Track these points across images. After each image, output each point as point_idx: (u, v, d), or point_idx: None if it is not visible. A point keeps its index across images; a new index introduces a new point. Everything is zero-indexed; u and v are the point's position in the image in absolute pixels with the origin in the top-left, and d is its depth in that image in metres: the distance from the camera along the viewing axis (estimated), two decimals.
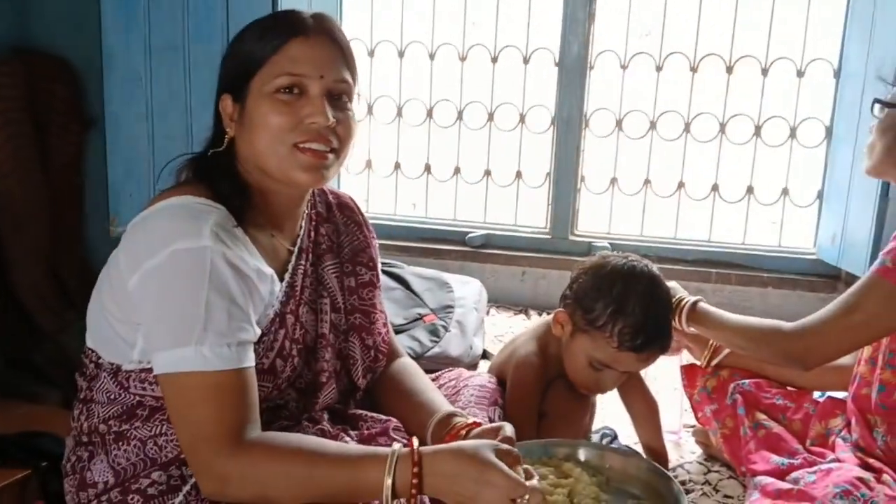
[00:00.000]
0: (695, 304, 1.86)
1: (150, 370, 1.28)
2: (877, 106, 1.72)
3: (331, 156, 1.32)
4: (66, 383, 1.62)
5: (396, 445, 1.21)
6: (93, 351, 1.36)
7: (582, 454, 1.58)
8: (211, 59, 2.67)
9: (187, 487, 1.29)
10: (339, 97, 1.33)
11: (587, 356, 1.77)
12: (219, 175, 1.31)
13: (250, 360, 1.24)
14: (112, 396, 1.33)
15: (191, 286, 1.19)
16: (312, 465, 1.19)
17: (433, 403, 1.50)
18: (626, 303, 1.72)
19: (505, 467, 1.17)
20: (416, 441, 1.21)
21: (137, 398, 1.32)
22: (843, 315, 1.65)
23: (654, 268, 1.82)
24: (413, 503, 1.19)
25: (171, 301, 1.20)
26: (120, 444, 1.32)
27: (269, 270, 1.33)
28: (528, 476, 1.22)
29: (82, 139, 2.81)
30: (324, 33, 1.34)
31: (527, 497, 1.16)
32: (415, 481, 1.17)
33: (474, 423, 1.40)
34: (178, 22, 2.65)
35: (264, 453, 1.19)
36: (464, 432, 1.37)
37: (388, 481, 1.16)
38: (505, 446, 1.22)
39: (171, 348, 1.19)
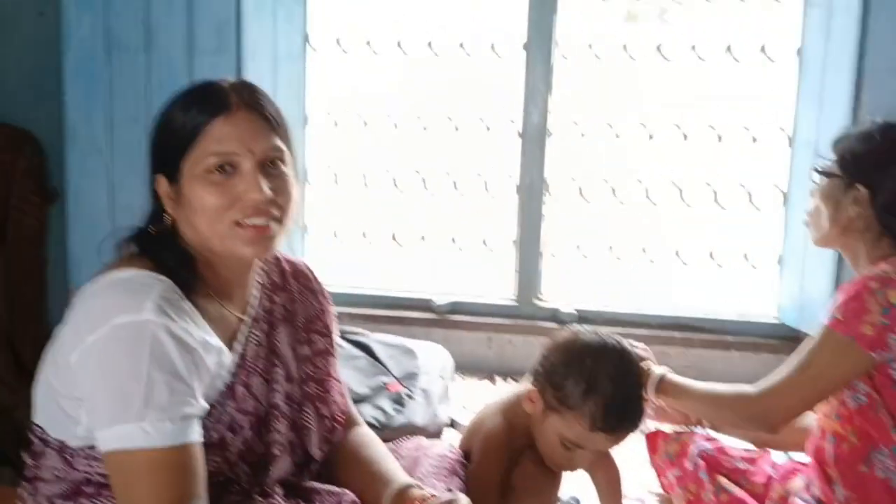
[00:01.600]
0: (662, 377, 1.87)
1: (95, 447, 1.25)
2: (816, 174, 1.77)
3: (274, 225, 1.32)
4: (20, 461, 1.58)
5: None
6: (39, 427, 1.33)
7: None
8: None
9: None
10: (272, 163, 1.33)
11: (558, 435, 1.74)
12: (162, 248, 1.31)
13: (195, 435, 1.22)
14: (59, 474, 1.30)
15: (131, 361, 1.18)
16: None
17: (389, 474, 1.48)
18: (596, 382, 1.69)
19: None
20: None
21: (84, 475, 1.29)
22: (800, 372, 1.68)
23: (625, 343, 1.81)
24: None
25: (111, 377, 1.19)
26: None
27: (217, 342, 1.31)
28: None
29: (44, 212, 2.80)
30: (245, 107, 1.31)
31: None
32: None
33: (431, 495, 1.39)
34: (141, 94, 2.67)
35: None
36: None
37: None
38: None
39: (112, 425, 1.17)
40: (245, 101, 1.32)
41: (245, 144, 1.29)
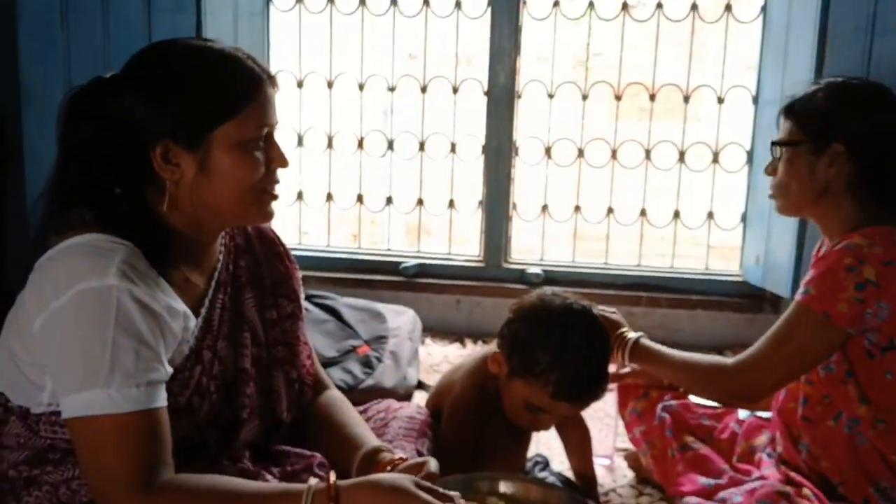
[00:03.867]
0: (637, 340, 1.86)
1: (59, 413, 1.23)
2: (777, 147, 1.74)
3: None
4: None
5: (313, 481, 1.19)
6: (1, 394, 1.31)
7: (503, 487, 1.54)
8: None
9: None
10: None
11: (523, 399, 1.74)
12: (130, 214, 1.27)
13: (161, 401, 1.21)
14: (22, 441, 1.28)
15: (96, 327, 1.16)
16: None
17: (359, 438, 1.48)
18: (562, 353, 1.68)
19: (426, 497, 1.16)
20: (333, 475, 1.20)
21: (48, 442, 1.27)
22: (776, 348, 1.66)
23: (594, 309, 1.80)
24: None
25: (76, 343, 1.17)
26: (31, 489, 1.27)
27: (182, 307, 1.29)
28: None
29: (1, 178, 2.73)
30: (269, 78, 1.33)
31: None
32: None
33: (400, 458, 1.39)
34: (98, 56, 2.60)
35: (175, 498, 1.16)
36: (389, 468, 1.35)
37: None
38: (426, 483, 1.20)
39: (78, 391, 1.16)
40: (266, 71, 1.33)
41: (275, 115, 1.33)
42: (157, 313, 1.22)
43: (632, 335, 1.88)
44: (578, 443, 1.96)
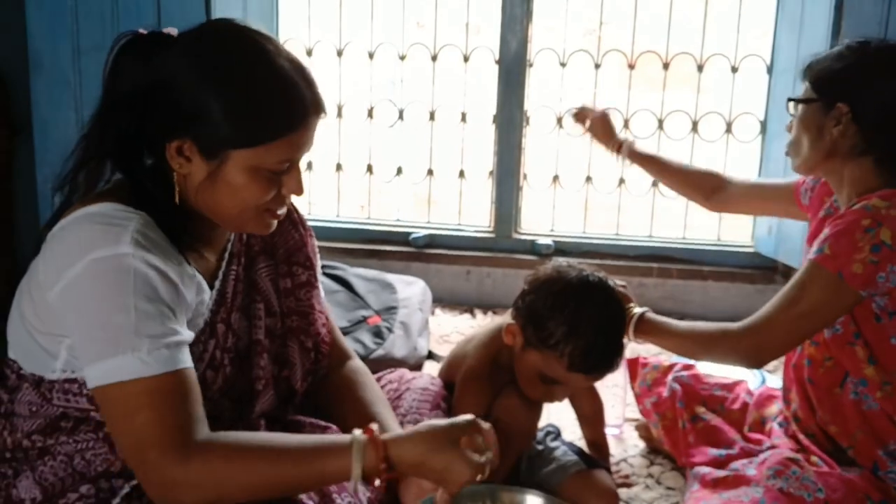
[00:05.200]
0: (642, 315, 1.83)
1: (73, 381, 1.24)
2: (791, 105, 1.74)
3: None
4: None
5: (357, 432, 1.21)
6: (14, 361, 1.31)
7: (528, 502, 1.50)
8: None
9: (117, 500, 1.25)
10: None
11: (537, 371, 1.74)
12: (155, 183, 1.26)
13: (188, 361, 1.21)
14: (34, 409, 1.28)
15: (115, 294, 1.15)
16: (273, 462, 1.18)
17: (383, 422, 1.44)
18: (578, 324, 1.67)
19: (465, 452, 1.23)
20: (376, 426, 1.23)
21: (61, 410, 1.27)
22: (787, 308, 1.64)
23: (609, 281, 1.78)
24: (381, 484, 1.21)
25: (96, 312, 1.16)
26: (46, 459, 1.27)
27: (198, 277, 1.29)
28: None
29: (10, 144, 2.72)
30: (317, 110, 1.28)
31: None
32: (383, 465, 1.19)
33: None
34: (107, 21, 2.58)
35: (219, 454, 1.17)
36: None
37: (358, 469, 1.18)
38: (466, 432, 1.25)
39: (105, 359, 1.15)
40: (319, 101, 1.28)
41: (308, 147, 1.28)
42: (173, 281, 1.22)
43: (637, 310, 1.85)
44: (591, 413, 1.96)
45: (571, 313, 1.68)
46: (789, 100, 1.74)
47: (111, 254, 1.16)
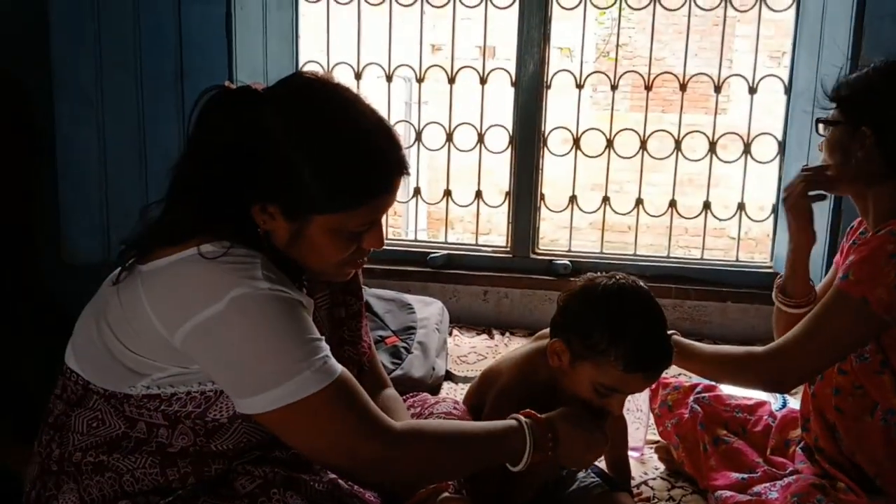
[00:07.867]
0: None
1: (155, 397, 1.24)
2: (821, 125, 1.73)
3: None
4: (16, 412, 1.56)
5: (521, 416, 1.42)
6: (78, 374, 1.29)
7: None
8: (162, 75, 2.68)
9: None
10: None
11: (592, 383, 1.68)
12: (256, 233, 1.27)
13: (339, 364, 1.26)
14: (94, 425, 1.27)
15: (269, 325, 1.18)
16: (464, 446, 1.35)
17: None
18: (625, 323, 1.64)
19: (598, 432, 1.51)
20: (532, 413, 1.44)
21: (124, 430, 1.27)
22: (811, 333, 1.62)
23: (642, 283, 1.77)
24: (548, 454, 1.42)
25: (252, 344, 1.18)
26: (95, 475, 1.26)
27: (311, 305, 1.31)
28: None
29: (34, 163, 2.75)
30: (402, 173, 1.29)
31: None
32: (550, 444, 1.41)
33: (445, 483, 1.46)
34: (129, 41, 2.61)
35: (414, 436, 1.28)
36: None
37: (531, 445, 1.38)
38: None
39: (280, 384, 1.18)
40: (403, 163, 1.29)
41: (391, 204, 1.32)
42: (306, 307, 1.25)
43: None
44: (615, 434, 1.93)
45: (614, 314, 1.65)
46: (818, 121, 1.73)
47: (251, 291, 1.18)
